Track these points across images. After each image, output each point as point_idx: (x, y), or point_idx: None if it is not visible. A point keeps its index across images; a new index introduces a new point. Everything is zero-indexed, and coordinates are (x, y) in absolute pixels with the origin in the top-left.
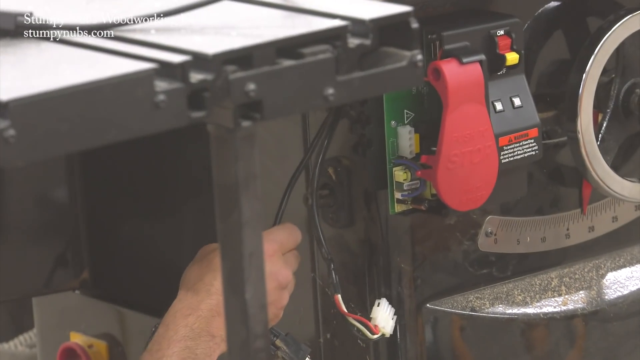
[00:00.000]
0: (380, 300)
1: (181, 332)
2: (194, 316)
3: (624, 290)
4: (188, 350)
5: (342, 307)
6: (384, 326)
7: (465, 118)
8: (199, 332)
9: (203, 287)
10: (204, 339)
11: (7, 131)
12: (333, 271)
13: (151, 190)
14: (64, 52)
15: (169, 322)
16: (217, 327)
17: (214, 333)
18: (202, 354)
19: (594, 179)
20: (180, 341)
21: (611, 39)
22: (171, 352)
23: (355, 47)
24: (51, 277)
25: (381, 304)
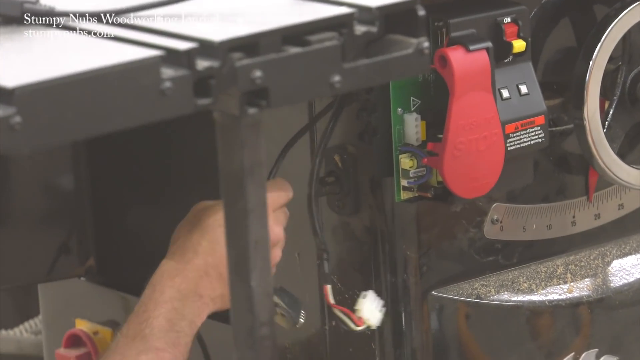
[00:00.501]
0: (367, 292)
1: (168, 293)
2: (180, 277)
3: (630, 278)
4: (175, 312)
5: (330, 298)
6: (368, 318)
7: (472, 105)
8: (186, 293)
9: (190, 247)
10: (192, 300)
11: (13, 118)
12: (325, 261)
13: (157, 178)
14: (70, 39)
15: (155, 283)
16: (205, 287)
17: (202, 293)
18: (190, 314)
19: (600, 167)
20: (167, 302)
21: (618, 26)
22: (157, 314)
23: (362, 35)
24: (56, 264)
25: (367, 296)
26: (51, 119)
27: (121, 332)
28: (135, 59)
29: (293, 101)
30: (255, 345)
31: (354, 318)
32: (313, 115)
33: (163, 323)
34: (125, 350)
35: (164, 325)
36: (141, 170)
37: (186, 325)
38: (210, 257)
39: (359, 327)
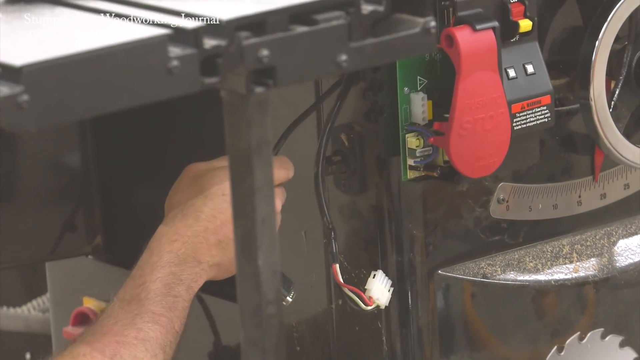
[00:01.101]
0: (376, 272)
1: (165, 257)
2: (180, 242)
3: (636, 258)
4: (172, 276)
5: (339, 277)
6: (378, 297)
7: (478, 85)
8: (184, 258)
9: (192, 213)
10: (190, 265)
11: (20, 96)
12: (333, 240)
13: (164, 157)
14: (77, 17)
15: (153, 248)
16: (204, 253)
17: (201, 259)
18: (188, 279)
19: (606, 147)
20: (165, 267)
21: (624, 6)
22: (154, 278)
23: (369, 14)
24: (63, 242)
25: (377, 276)
26: (58, 98)
27: (117, 295)
28: (142, 38)
29: (300, 80)
30: (262, 323)
31: (364, 298)
32: (320, 94)
33: (160, 287)
34: (120, 313)
35: (160, 289)
36: (148, 149)
37: (183, 290)
38: (211, 224)
39: (369, 307)
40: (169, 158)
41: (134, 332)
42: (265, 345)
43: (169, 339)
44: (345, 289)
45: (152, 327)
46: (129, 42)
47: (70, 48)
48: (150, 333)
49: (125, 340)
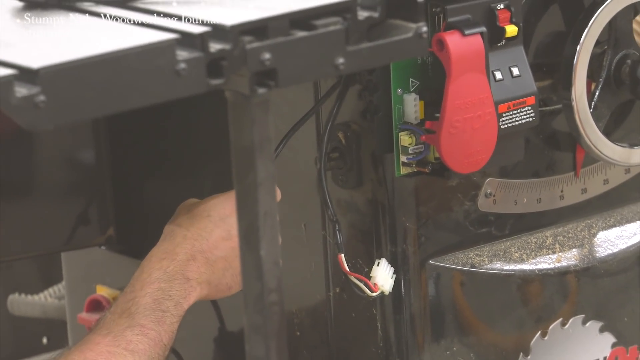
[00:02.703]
0: (380, 260)
1: (155, 274)
2: (168, 260)
3: (614, 249)
4: (161, 292)
5: (345, 266)
6: (382, 284)
7: (467, 86)
8: (173, 275)
9: (180, 233)
10: (179, 282)
11: (37, 97)
12: (338, 232)
13: (173, 153)
14: (91, 22)
15: (144, 266)
16: (192, 271)
17: (189, 276)
18: (177, 295)
19: (587, 144)
20: (154, 283)
21: (604, 12)
22: (144, 293)
23: (364, 20)
24: (78, 233)
25: (381, 264)
26: (73, 98)
27: (109, 310)
28: (152, 42)
29: (300, 81)
30: (264, 310)
31: (369, 284)
32: (319, 94)
33: (149, 301)
34: (112, 325)
35: (149, 303)
36: (159, 145)
37: (172, 306)
38: (197, 243)
39: (374, 293)
40: (178, 154)
41: (124, 344)
42: (267, 330)
43: (157, 352)
44: (352, 277)
45: (141, 339)
46: (139, 46)
47: (84, 51)
48: (139, 345)
49: (116, 351)
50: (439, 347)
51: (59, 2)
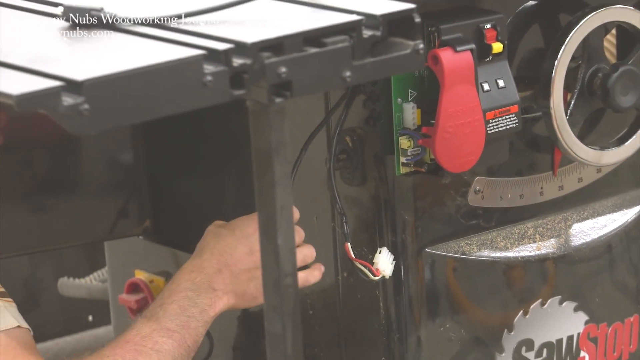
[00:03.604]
0: (381, 248)
1: (183, 284)
2: (196, 272)
3: (587, 238)
4: (188, 299)
5: (351, 253)
6: (384, 269)
7: (459, 96)
8: (199, 285)
9: (207, 250)
10: (205, 291)
11: (82, 105)
12: (345, 224)
13: (201, 154)
14: (128, 40)
15: (174, 278)
16: (219, 282)
17: (215, 287)
18: (203, 303)
19: (563, 147)
20: (182, 292)
21: (579, 31)
22: (171, 300)
23: (368, 38)
24: (119, 225)
25: (382, 252)
26: (113, 106)
27: (141, 314)
28: (182, 57)
29: (312, 92)
30: (281, 292)
31: (372, 269)
32: (329, 104)
33: (175, 308)
34: (141, 327)
35: (176, 309)
36: (189, 147)
37: (197, 312)
38: (223, 258)
39: (376, 277)
40: (206, 155)
41: (150, 344)
42: (284, 309)
43: (180, 352)
44: (357, 263)
45: (166, 340)
46: (171, 61)
47: (123, 65)
48: (164, 346)
49: (143, 350)
50: (434, 324)
51: (100, 22)
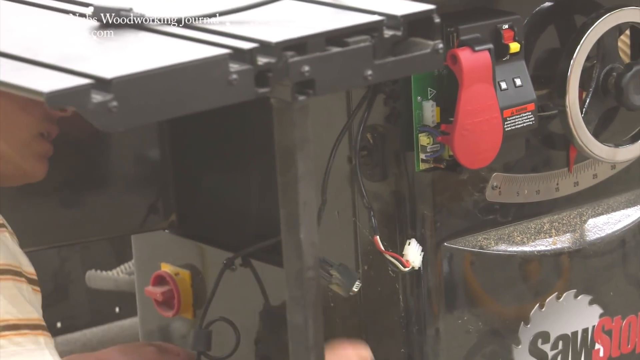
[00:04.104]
0: (410, 240)
1: None
2: None
3: (602, 233)
4: None
5: (380, 246)
6: (413, 261)
7: (477, 95)
8: None
9: None
10: None
11: (110, 103)
12: (372, 217)
13: (226, 151)
14: (156, 40)
15: None
16: None
17: None
18: None
19: (578, 144)
20: None
21: (593, 32)
22: None
23: (389, 37)
24: (146, 219)
25: (412, 243)
26: (141, 104)
27: None
28: (208, 56)
29: (334, 90)
30: (303, 285)
31: (402, 261)
32: (350, 102)
33: None
34: None
35: None
36: (213, 144)
37: None
38: None
39: (406, 268)
40: (230, 152)
41: None
42: (306, 302)
43: None
44: (387, 255)
45: None
46: (197, 60)
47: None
48: None
49: None
50: (452, 316)
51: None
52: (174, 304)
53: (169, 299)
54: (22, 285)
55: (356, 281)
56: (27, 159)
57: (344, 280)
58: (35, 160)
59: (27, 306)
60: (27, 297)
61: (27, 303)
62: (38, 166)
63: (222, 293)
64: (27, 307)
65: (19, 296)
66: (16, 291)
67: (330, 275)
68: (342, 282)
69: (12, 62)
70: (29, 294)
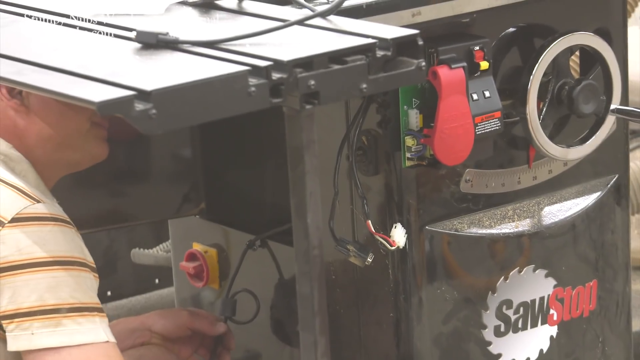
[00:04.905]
0: (397, 224)
1: None
2: None
3: (556, 219)
4: None
5: (372, 229)
6: (399, 241)
7: (453, 104)
8: None
9: None
10: None
11: (150, 111)
12: (365, 205)
13: (246, 150)
14: (188, 58)
15: None
16: None
17: None
18: None
19: (537, 145)
20: None
21: (549, 53)
22: None
23: (381, 57)
24: (180, 207)
25: (397, 227)
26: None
27: None
28: (231, 72)
29: (335, 101)
30: (310, 261)
31: (390, 241)
32: (349, 110)
33: None
34: None
35: None
36: (235, 144)
37: None
38: None
39: (393, 247)
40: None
41: None
42: (312, 275)
43: None
44: (377, 237)
45: None
46: (222, 75)
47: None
48: None
49: None
50: (432, 287)
51: (166, 44)
52: (204, 277)
53: (199, 272)
54: (86, 274)
55: (369, 253)
56: (91, 142)
57: (360, 254)
58: (97, 143)
59: (89, 292)
60: (89, 285)
61: (88, 289)
62: (101, 147)
63: (244, 269)
64: (89, 293)
65: (82, 284)
66: (81, 279)
67: (349, 250)
68: (359, 255)
69: (69, 76)
70: (91, 281)
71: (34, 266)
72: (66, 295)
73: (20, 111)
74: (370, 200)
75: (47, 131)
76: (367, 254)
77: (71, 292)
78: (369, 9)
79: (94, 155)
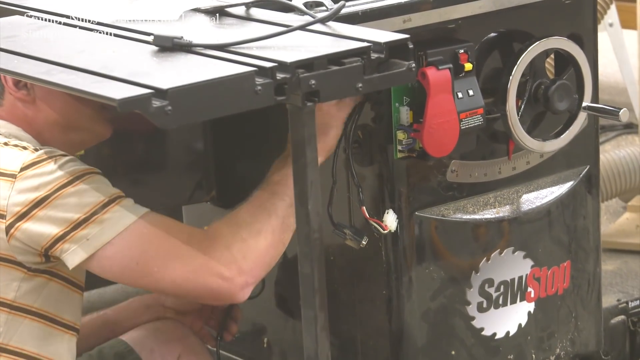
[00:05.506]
0: (388, 210)
1: None
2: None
3: (532, 205)
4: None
5: (366, 214)
6: (390, 225)
7: (440, 102)
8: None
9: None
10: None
11: (166, 107)
12: (361, 193)
13: (253, 143)
14: (201, 60)
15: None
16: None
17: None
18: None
19: (516, 139)
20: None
21: (527, 55)
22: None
23: (375, 59)
24: (193, 194)
25: (389, 213)
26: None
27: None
28: (239, 72)
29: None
30: (310, 243)
31: (382, 225)
32: None
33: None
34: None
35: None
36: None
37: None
38: None
39: (385, 231)
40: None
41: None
42: (312, 256)
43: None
44: (371, 221)
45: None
46: (231, 75)
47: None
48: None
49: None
50: (421, 267)
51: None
52: None
53: None
54: (99, 177)
55: (364, 237)
56: (94, 123)
57: (355, 237)
58: (100, 124)
59: (109, 188)
60: (105, 182)
61: (107, 186)
62: (104, 127)
63: None
64: (109, 189)
65: (101, 184)
66: (98, 181)
67: (345, 234)
68: (355, 238)
69: (92, 76)
70: (104, 180)
71: (59, 190)
72: (94, 199)
73: (27, 101)
74: (365, 188)
75: (53, 117)
76: (362, 238)
77: (96, 194)
78: (365, 15)
79: (98, 134)
